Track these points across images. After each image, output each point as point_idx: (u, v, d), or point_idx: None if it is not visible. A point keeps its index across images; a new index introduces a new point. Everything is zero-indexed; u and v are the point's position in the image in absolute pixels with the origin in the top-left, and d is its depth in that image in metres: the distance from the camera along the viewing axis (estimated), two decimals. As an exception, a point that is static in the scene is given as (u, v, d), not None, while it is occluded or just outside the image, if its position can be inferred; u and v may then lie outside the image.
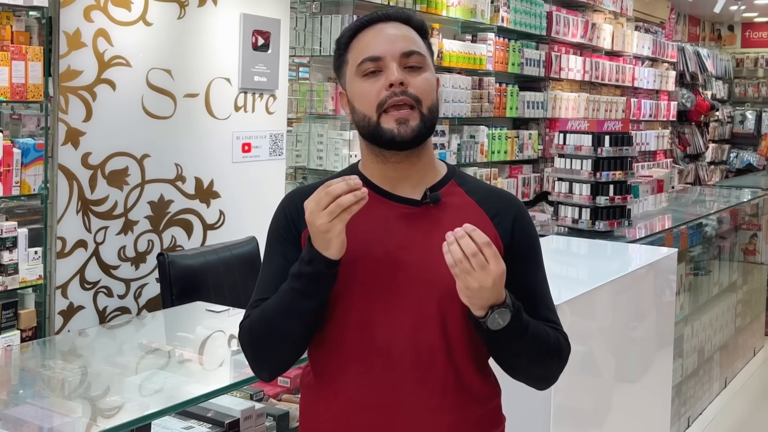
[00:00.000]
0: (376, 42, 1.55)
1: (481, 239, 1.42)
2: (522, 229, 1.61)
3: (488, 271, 1.41)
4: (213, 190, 4.06)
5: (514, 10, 6.37)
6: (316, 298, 1.50)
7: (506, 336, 1.48)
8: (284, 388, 2.66)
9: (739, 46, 12.73)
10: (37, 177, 3.31)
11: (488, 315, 1.45)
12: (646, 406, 3.40)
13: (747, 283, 6.11)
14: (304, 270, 1.48)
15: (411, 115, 1.52)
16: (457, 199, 1.60)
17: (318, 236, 1.45)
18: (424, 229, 1.56)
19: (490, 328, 1.46)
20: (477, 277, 1.41)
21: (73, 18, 3.44)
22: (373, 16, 1.59)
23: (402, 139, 1.52)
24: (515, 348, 1.53)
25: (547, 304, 1.64)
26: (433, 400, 1.53)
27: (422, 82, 1.54)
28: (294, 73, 4.86)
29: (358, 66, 1.55)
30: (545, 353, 1.56)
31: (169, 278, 3.42)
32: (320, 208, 1.42)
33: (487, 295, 1.43)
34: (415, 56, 1.55)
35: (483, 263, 1.41)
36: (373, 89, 1.53)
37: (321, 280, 1.48)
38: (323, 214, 1.42)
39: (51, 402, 2.22)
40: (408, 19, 1.60)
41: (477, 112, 5.87)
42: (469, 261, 1.40)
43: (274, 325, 1.53)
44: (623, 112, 8.35)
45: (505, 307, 1.46)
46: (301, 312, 1.51)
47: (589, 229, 4.08)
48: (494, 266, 1.41)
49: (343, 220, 1.43)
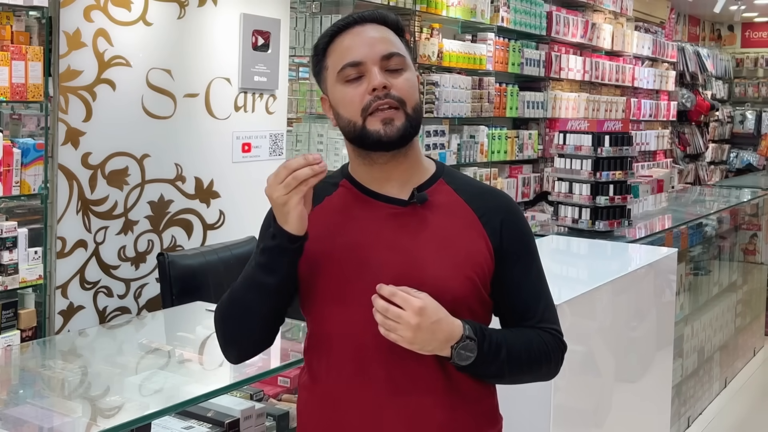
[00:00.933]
0: (355, 46, 1.54)
1: (386, 290, 1.45)
2: (512, 227, 1.60)
3: (406, 317, 1.43)
4: (213, 190, 4.06)
5: (514, 10, 6.38)
6: (278, 273, 1.51)
7: (480, 364, 1.50)
8: (284, 388, 2.65)
9: (739, 46, 12.74)
10: (37, 177, 3.31)
11: (453, 353, 1.48)
12: (646, 406, 3.40)
13: (747, 283, 6.11)
14: (268, 244, 1.50)
15: (396, 114, 1.52)
16: (445, 197, 1.60)
17: (277, 209, 1.47)
18: (411, 230, 1.56)
19: (461, 364, 1.49)
20: (402, 327, 1.44)
21: (73, 18, 3.44)
22: (348, 20, 1.58)
23: (389, 140, 1.52)
24: (495, 370, 1.54)
25: (541, 303, 1.63)
26: (424, 400, 1.53)
27: (404, 83, 1.54)
28: (294, 73, 4.86)
29: (338, 72, 1.55)
30: (528, 364, 1.57)
31: (169, 278, 3.42)
32: (278, 182, 1.45)
33: (429, 336, 1.45)
34: (395, 58, 1.55)
35: (397, 313, 1.44)
36: (356, 94, 1.53)
37: (284, 255, 1.50)
38: (280, 187, 1.45)
39: (51, 402, 2.22)
40: (384, 19, 1.59)
41: (477, 112, 5.88)
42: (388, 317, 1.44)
43: (238, 301, 1.56)
44: (623, 112, 8.35)
45: (466, 339, 1.48)
46: (263, 286, 1.52)
47: (589, 229, 4.08)
48: (408, 309, 1.44)
49: (299, 192, 1.44)
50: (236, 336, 1.60)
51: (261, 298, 1.54)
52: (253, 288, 1.53)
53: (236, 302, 1.57)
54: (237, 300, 1.56)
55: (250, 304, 1.55)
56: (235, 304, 1.57)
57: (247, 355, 1.65)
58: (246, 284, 1.55)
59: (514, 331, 1.59)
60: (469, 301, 1.54)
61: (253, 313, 1.56)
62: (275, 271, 1.51)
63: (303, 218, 1.47)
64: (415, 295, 1.46)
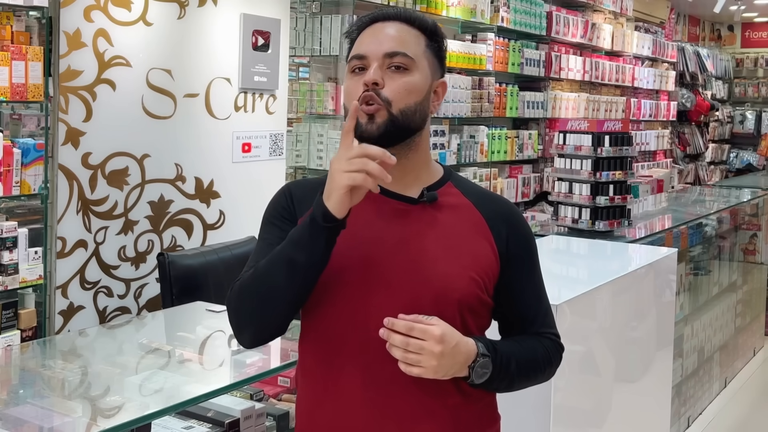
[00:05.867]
0: (367, 41, 1.58)
1: (402, 326, 1.43)
2: (517, 233, 1.62)
3: (429, 347, 1.43)
4: (213, 190, 4.06)
5: (514, 10, 6.38)
6: (307, 250, 1.45)
7: (495, 379, 1.52)
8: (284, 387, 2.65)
9: (739, 46, 12.74)
10: (37, 177, 3.31)
11: (471, 374, 1.49)
12: (646, 406, 3.40)
13: (747, 283, 6.11)
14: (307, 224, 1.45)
15: (379, 111, 1.52)
16: (454, 199, 1.61)
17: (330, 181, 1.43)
18: (420, 227, 1.56)
19: (479, 383, 1.51)
20: (425, 357, 1.43)
21: (73, 18, 3.44)
22: (375, 15, 1.61)
23: (369, 135, 1.52)
24: (506, 383, 1.57)
25: (542, 309, 1.65)
26: (426, 398, 1.53)
27: (399, 85, 1.54)
28: (294, 73, 4.86)
29: (348, 62, 1.59)
30: (534, 371, 1.61)
31: (169, 278, 3.42)
32: (347, 156, 1.41)
33: (450, 362, 1.45)
34: (399, 57, 1.55)
35: (419, 345, 1.43)
36: (355, 86, 1.55)
37: (316, 232, 1.44)
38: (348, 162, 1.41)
39: (51, 402, 2.22)
40: (408, 19, 1.60)
41: (477, 112, 5.87)
42: (409, 351, 1.43)
43: (262, 276, 1.49)
44: (623, 112, 8.35)
45: (481, 357, 1.49)
46: (291, 262, 1.46)
47: (589, 229, 4.08)
48: (429, 338, 1.43)
49: (353, 180, 1.40)
50: (254, 316, 1.52)
51: (286, 275, 1.47)
52: (280, 263, 1.47)
53: (260, 278, 1.50)
54: (261, 276, 1.50)
55: (274, 279, 1.48)
56: (259, 279, 1.50)
57: (262, 339, 1.58)
58: (274, 260, 1.48)
59: (518, 341, 1.61)
60: (473, 302, 1.54)
61: (277, 291, 1.49)
62: (304, 248, 1.45)
63: (344, 206, 1.42)
64: (430, 322, 1.45)
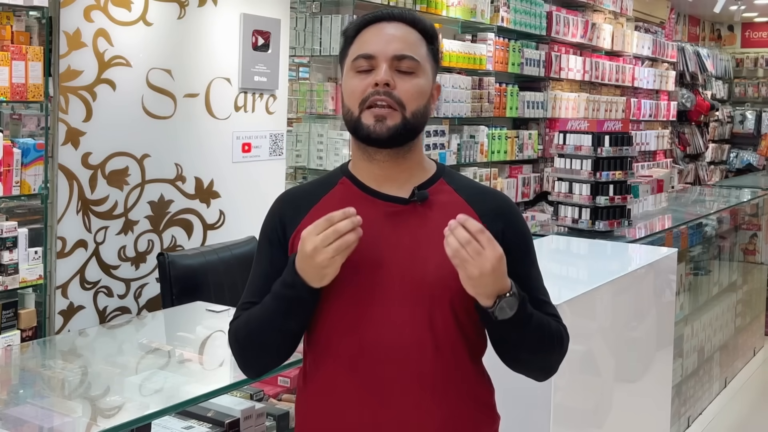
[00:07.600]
0: (373, 40, 1.57)
1: (474, 227, 1.43)
2: (512, 227, 1.61)
3: (485, 257, 1.42)
4: (213, 190, 4.06)
5: (514, 10, 6.38)
6: (298, 317, 1.54)
7: (512, 326, 1.49)
8: (284, 388, 2.65)
9: (739, 46, 12.73)
10: (37, 177, 3.31)
11: (496, 304, 1.46)
12: (646, 406, 3.40)
13: (747, 283, 6.11)
14: (287, 293, 1.50)
15: (390, 114, 1.52)
16: (446, 197, 1.60)
17: (314, 269, 1.46)
18: (412, 228, 1.56)
19: (498, 317, 1.47)
20: (475, 264, 1.42)
21: (73, 18, 3.44)
22: (378, 14, 1.61)
23: (377, 137, 1.52)
24: (520, 339, 1.54)
25: (543, 296, 1.64)
26: (423, 399, 1.53)
27: (411, 87, 1.54)
28: (294, 73, 4.86)
29: (353, 61, 1.57)
30: (547, 343, 1.57)
31: (169, 278, 3.42)
32: (325, 244, 1.43)
33: (490, 281, 1.44)
34: (407, 61, 1.55)
35: (478, 249, 1.42)
36: (361, 86, 1.54)
37: (303, 305, 1.51)
38: (328, 249, 1.43)
39: (51, 402, 2.22)
40: (413, 21, 1.60)
41: (477, 112, 5.88)
42: (465, 249, 1.42)
43: (256, 337, 1.56)
44: (623, 112, 8.35)
45: (512, 295, 1.47)
46: (282, 329, 1.55)
47: (589, 229, 4.08)
48: (490, 251, 1.43)
49: (344, 256, 1.45)
50: (255, 363, 1.64)
51: (280, 337, 1.56)
52: (271, 329, 1.55)
53: (254, 338, 1.57)
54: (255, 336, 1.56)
55: (269, 341, 1.57)
56: (253, 339, 1.57)
57: (267, 371, 1.69)
58: (264, 326, 1.55)
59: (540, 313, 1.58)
60: (466, 301, 1.54)
61: (273, 348, 1.59)
62: (294, 316, 1.53)
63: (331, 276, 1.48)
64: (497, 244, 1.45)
